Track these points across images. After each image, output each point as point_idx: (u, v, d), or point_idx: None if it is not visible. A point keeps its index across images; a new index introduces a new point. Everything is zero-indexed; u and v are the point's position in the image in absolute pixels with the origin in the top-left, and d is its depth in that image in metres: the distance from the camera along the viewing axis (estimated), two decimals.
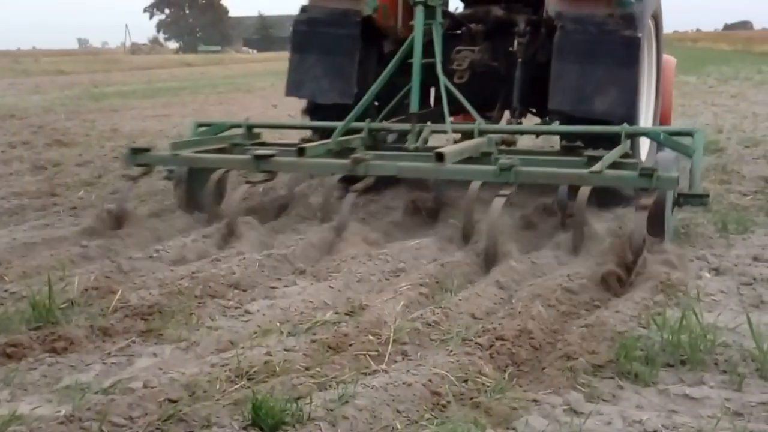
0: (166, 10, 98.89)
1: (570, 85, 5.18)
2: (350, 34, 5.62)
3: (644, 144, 5.91)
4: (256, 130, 6.02)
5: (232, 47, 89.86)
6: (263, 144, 5.73)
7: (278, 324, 3.42)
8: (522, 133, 5.97)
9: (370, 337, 3.18)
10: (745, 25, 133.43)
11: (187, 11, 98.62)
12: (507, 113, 6.15)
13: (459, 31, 6.14)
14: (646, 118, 6.00)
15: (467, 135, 5.29)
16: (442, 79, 5.29)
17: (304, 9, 5.85)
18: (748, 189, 6.35)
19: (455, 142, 5.08)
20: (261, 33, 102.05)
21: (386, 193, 5.53)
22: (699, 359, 3.00)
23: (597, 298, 3.77)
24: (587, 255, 4.27)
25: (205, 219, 5.10)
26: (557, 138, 5.93)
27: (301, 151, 4.90)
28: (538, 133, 6.14)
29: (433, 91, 6.09)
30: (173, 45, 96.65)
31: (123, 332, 3.38)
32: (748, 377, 2.88)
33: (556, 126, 5.53)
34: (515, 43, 5.78)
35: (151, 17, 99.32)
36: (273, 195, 5.99)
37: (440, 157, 4.51)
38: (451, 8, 6.51)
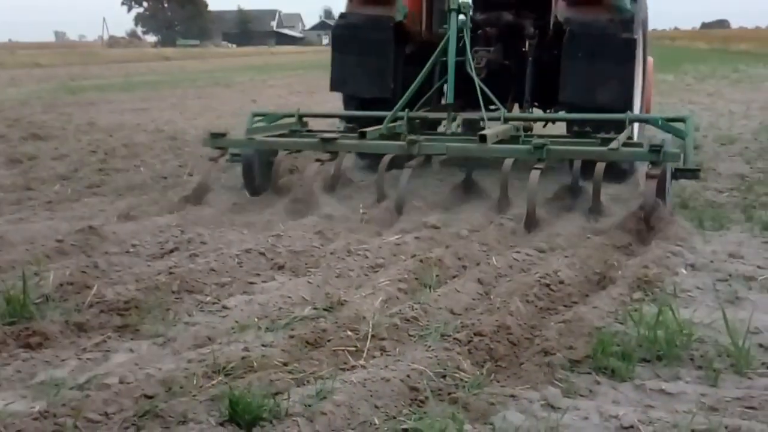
0: (145, 3, 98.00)
1: (578, 79, 5.91)
2: (385, 37, 6.38)
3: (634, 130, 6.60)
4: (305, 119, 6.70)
5: (211, 41, 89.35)
6: (310, 131, 6.48)
7: (256, 319, 3.41)
8: (540, 120, 6.72)
9: (349, 333, 3.17)
10: (722, 23, 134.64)
11: (166, 5, 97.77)
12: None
13: (471, 34, 6.61)
14: (636, 108, 6.70)
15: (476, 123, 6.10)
16: (475, 76, 5.94)
17: (342, 15, 6.65)
18: (724, 186, 6.41)
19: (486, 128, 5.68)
20: (240, 27, 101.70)
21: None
22: (675, 355, 3.02)
23: (575, 294, 3.79)
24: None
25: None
26: (561, 127, 6.92)
27: (362, 135, 5.63)
28: (555, 120, 6.72)
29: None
30: (151, 38, 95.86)
31: (99, 328, 3.35)
32: (724, 372, 2.91)
33: (570, 114, 6.17)
34: (527, 44, 6.57)
35: (129, 10, 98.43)
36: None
37: (483, 139, 5.21)
38: None
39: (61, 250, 4.45)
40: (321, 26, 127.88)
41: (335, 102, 15.14)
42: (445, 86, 6.14)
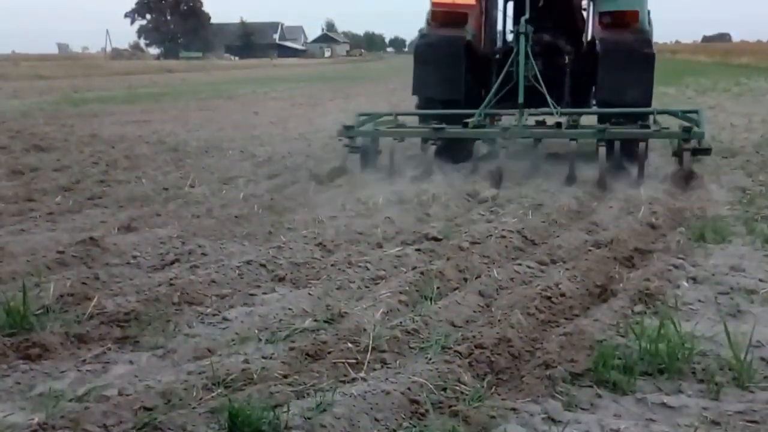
0: (148, 16, 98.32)
1: (611, 84, 7.60)
2: (457, 52, 7.94)
3: None
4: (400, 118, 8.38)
5: (214, 54, 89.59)
6: (401, 125, 8.17)
7: (256, 331, 3.40)
8: (588, 113, 8.46)
9: (349, 345, 3.16)
10: (723, 37, 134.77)
11: (169, 17, 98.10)
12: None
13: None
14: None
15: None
16: (541, 82, 7.51)
17: (423, 36, 8.20)
18: (725, 199, 6.40)
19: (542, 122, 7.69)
20: (243, 40, 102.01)
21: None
22: (677, 368, 3.01)
23: (576, 306, 3.78)
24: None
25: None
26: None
27: (465, 125, 7.39)
28: (599, 114, 8.07)
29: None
30: (154, 51, 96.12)
31: (98, 339, 3.35)
32: (726, 386, 2.89)
33: (611, 108, 7.67)
34: (566, 59, 8.37)
35: (132, 23, 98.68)
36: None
37: (559, 125, 7.15)
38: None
39: (62, 261, 4.45)
40: (323, 39, 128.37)
41: (337, 114, 15.21)
42: (493, 88, 7.93)
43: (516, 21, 8.19)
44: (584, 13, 8.92)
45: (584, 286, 4.03)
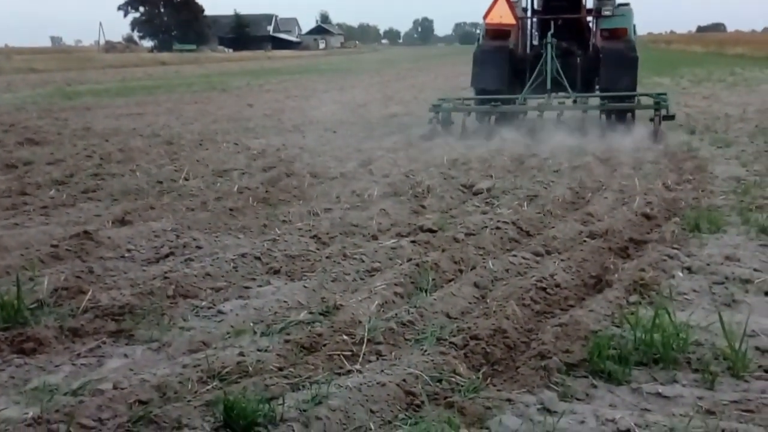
0: (141, 8, 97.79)
1: (609, 77, 10.76)
2: (503, 57, 11.12)
3: None
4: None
5: (208, 46, 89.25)
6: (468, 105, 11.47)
7: (251, 324, 3.40)
8: (595, 96, 11.08)
9: (345, 337, 3.16)
10: (718, 27, 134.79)
11: (162, 9, 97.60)
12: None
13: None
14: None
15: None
16: (562, 75, 10.57)
17: (479, 46, 11.37)
18: (720, 189, 6.41)
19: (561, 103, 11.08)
20: (237, 32, 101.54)
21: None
22: (672, 358, 3.01)
23: (571, 297, 3.79)
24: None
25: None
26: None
27: (513, 103, 10.70)
28: (602, 97, 10.70)
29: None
30: (148, 43, 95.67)
31: (93, 333, 3.34)
32: (721, 376, 2.90)
33: (607, 93, 10.60)
34: (578, 59, 11.39)
35: (125, 15, 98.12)
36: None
37: (575, 102, 10.86)
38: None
39: (56, 255, 4.44)
40: (317, 30, 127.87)
41: (331, 106, 15.16)
42: (526, 80, 11.05)
43: (542, 34, 11.51)
44: (590, 25, 11.95)
45: (579, 276, 4.04)
